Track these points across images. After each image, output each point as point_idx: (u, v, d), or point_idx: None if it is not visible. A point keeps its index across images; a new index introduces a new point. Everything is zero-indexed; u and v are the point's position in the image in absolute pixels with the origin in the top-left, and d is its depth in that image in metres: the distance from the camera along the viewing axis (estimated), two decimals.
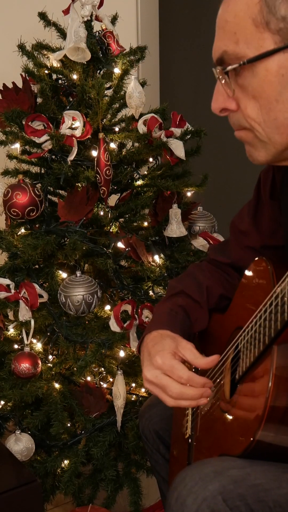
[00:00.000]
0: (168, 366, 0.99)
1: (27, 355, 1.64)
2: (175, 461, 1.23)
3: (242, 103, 0.88)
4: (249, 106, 0.87)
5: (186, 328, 1.15)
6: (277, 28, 0.81)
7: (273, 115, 0.86)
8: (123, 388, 1.64)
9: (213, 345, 1.19)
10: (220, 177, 2.52)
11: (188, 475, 0.92)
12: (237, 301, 1.14)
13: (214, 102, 0.91)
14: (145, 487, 1.74)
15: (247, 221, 1.20)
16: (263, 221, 1.17)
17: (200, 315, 1.20)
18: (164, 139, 1.73)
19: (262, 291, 1.00)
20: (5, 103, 1.71)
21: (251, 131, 0.90)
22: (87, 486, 1.72)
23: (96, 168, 1.64)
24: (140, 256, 1.72)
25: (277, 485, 0.91)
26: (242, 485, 0.89)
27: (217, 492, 0.88)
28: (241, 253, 1.21)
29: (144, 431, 1.29)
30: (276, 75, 0.83)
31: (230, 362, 1.08)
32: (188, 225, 1.91)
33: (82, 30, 1.63)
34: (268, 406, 0.89)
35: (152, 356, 1.02)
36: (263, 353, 0.93)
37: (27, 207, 1.64)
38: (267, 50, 0.82)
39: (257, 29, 0.82)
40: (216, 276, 1.24)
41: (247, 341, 0.99)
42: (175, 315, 1.15)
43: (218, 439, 1.04)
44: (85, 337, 1.67)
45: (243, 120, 0.90)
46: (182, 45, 2.86)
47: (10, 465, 1.48)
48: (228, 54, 0.86)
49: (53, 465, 1.65)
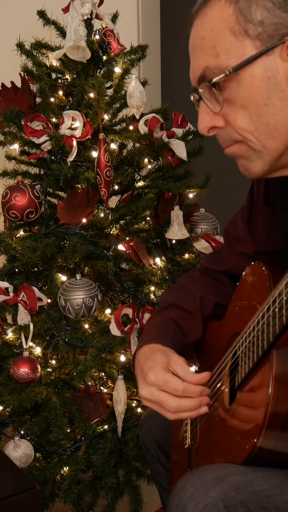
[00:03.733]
0: (162, 381, 0.99)
1: (26, 359, 1.63)
2: (175, 468, 1.23)
3: (230, 117, 0.88)
4: (239, 117, 0.87)
5: (178, 340, 1.15)
6: (256, 34, 0.82)
7: (264, 120, 0.86)
8: (123, 393, 1.63)
9: (210, 352, 1.18)
10: (223, 178, 2.50)
11: (189, 481, 0.91)
12: (234, 307, 1.13)
13: (200, 123, 0.91)
14: (145, 494, 1.73)
15: (241, 228, 1.19)
16: (257, 227, 1.17)
17: (194, 325, 1.19)
18: (165, 139, 1.73)
19: (259, 296, 1.00)
20: (3, 103, 1.71)
21: (244, 143, 0.89)
22: (87, 493, 1.72)
23: (96, 169, 1.64)
24: (141, 259, 1.72)
25: (280, 491, 0.90)
26: (244, 492, 0.88)
27: (219, 499, 0.87)
28: (236, 260, 1.21)
29: (144, 441, 1.29)
30: (262, 79, 0.83)
31: (228, 369, 1.07)
32: (190, 227, 1.91)
33: (82, 28, 1.63)
34: (269, 412, 0.88)
35: (145, 373, 1.02)
36: (262, 359, 0.93)
37: (26, 209, 1.65)
38: (250, 56, 0.83)
39: (236, 38, 0.83)
40: (209, 286, 1.24)
41: (245, 347, 0.98)
42: (166, 328, 1.15)
43: (218, 447, 1.04)
44: (85, 341, 1.67)
45: (234, 134, 0.89)
46: (184, 43, 2.82)
47: (9, 471, 1.47)
48: (210, 69, 0.86)
49: (52, 472, 1.65)
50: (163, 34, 2.80)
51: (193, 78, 0.90)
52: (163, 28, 2.79)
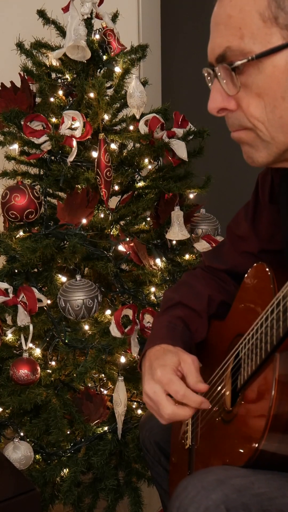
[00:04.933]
0: (167, 379, 1.00)
1: (25, 361, 1.62)
2: (175, 470, 1.22)
3: (244, 102, 0.86)
4: (252, 104, 0.85)
5: (187, 339, 1.15)
6: (286, 23, 0.80)
7: (278, 113, 0.84)
8: (124, 394, 1.63)
9: (212, 353, 1.18)
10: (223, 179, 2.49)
11: (190, 484, 0.90)
12: (237, 308, 1.13)
13: (211, 102, 0.88)
14: (146, 496, 1.73)
15: (245, 226, 1.18)
16: (262, 225, 1.16)
17: (200, 325, 1.19)
18: (166, 139, 1.72)
19: (263, 298, 0.99)
20: (3, 103, 1.71)
21: (253, 131, 0.88)
22: (87, 495, 1.71)
23: (97, 169, 1.64)
24: (141, 260, 1.71)
25: (281, 493, 0.89)
26: (246, 494, 0.87)
27: (220, 501, 0.86)
28: (238, 259, 1.20)
29: (144, 442, 1.28)
30: (284, 71, 0.81)
31: (230, 370, 1.07)
32: (191, 227, 1.90)
33: (82, 28, 1.63)
34: (272, 415, 0.88)
35: (153, 370, 1.02)
36: (265, 361, 0.92)
37: (26, 210, 1.65)
38: (275, 46, 0.80)
39: (264, 23, 0.80)
40: (212, 284, 1.23)
41: (248, 349, 0.98)
42: (174, 328, 1.14)
43: (219, 450, 1.03)
44: (85, 342, 1.67)
45: (244, 120, 0.87)
46: (184, 43, 2.84)
47: (8, 473, 1.47)
48: (232, 50, 0.83)
49: (52, 474, 1.64)
50: (164, 34, 2.79)
51: (211, 54, 0.87)
52: (164, 27, 2.78)
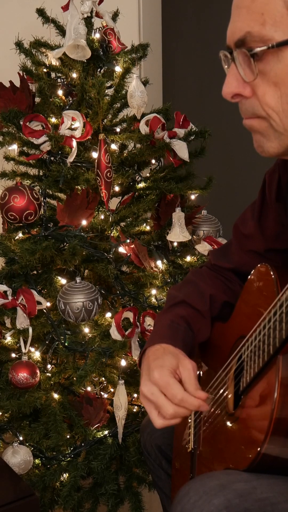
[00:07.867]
0: (164, 382, 0.99)
1: (25, 364, 1.63)
2: (177, 474, 1.22)
3: (260, 90, 0.85)
4: (268, 93, 0.84)
5: (189, 340, 1.14)
6: None
7: None
8: (124, 398, 1.62)
9: (215, 355, 1.18)
10: (225, 180, 2.49)
11: (192, 489, 0.91)
12: (240, 309, 1.12)
13: (226, 87, 0.87)
14: (147, 501, 1.73)
15: (251, 225, 1.18)
16: (268, 224, 1.15)
17: (203, 325, 1.18)
18: (167, 140, 1.72)
19: (266, 299, 0.99)
20: (2, 103, 1.71)
21: (266, 120, 0.87)
22: (87, 500, 1.71)
23: (97, 170, 1.64)
24: (142, 262, 1.71)
25: (284, 498, 0.89)
26: (248, 499, 0.88)
27: (223, 507, 0.86)
28: (245, 258, 1.20)
29: (145, 446, 1.28)
30: None
31: (233, 373, 1.06)
32: (192, 229, 1.90)
33: (82, 27, 1.63)
34: (274, 418, 0.88)
35: (151, 370, 1.02)
36: (268, 364, 0.92)
37: (25, 211, 1.65)
38: None
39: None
40: (217, 283, 1.23)
41: (251, 351, 0.98)
42: (177, 327, 1.14)
43: (222, 453, 1.03)
44: (85, 345, 1.67)
45: (259, 108, 0.86)
46: (185, 42, 2.83)
47: (7, 478, 1.47)
48: (252, 36, 0.81)
49: (52, 478, 1.64)
50: (165, 33, 2.79)
51: (230, 38, 0.86)
52: (165, 26, 2.78)
